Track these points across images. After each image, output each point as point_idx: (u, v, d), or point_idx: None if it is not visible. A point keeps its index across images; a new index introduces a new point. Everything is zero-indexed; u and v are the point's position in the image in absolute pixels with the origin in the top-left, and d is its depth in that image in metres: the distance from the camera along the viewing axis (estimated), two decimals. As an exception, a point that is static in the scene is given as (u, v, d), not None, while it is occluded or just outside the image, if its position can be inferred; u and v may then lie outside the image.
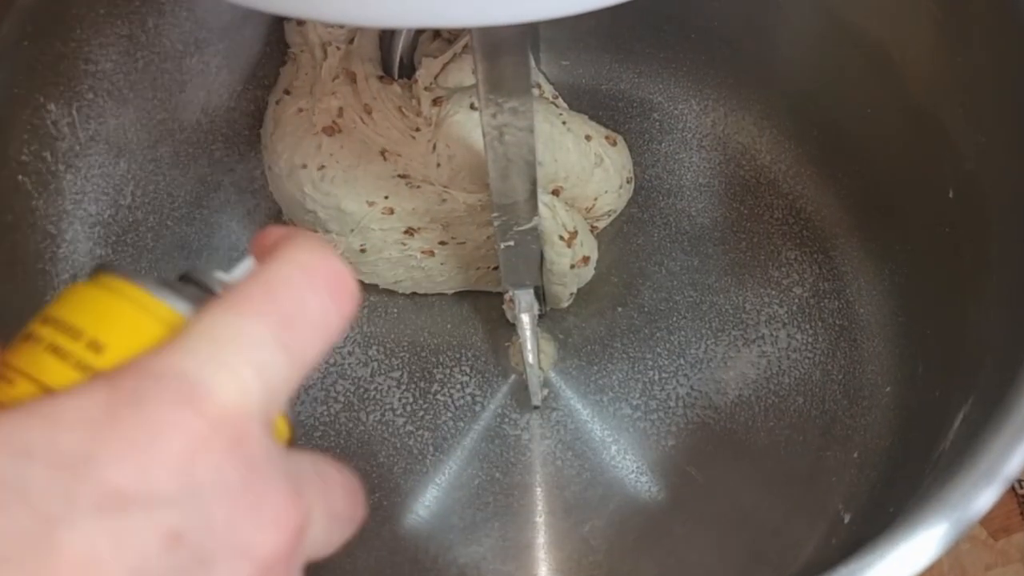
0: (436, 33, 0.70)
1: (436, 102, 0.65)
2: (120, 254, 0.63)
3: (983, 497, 0.43)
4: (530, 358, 0.66)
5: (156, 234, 0.66)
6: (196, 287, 0.30)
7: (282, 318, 0.28)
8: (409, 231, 0.66)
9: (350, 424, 0.68)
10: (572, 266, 0.67)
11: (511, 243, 0.61)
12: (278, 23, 0.69)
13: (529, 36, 0.61)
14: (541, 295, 0.67)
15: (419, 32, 0.69)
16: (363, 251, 0.67)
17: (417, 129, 0.65)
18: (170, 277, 0.31)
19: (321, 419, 0.68)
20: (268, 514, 0.26)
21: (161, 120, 0.65)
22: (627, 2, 0.33)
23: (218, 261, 0.72)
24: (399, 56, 0.68)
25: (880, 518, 0.60)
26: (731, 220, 0.74)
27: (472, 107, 0.64)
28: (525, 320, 0.66)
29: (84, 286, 0.29)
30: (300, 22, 0.68)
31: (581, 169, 0.67)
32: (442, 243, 0.67)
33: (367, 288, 0.71)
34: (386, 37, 0.68)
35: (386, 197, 0.65)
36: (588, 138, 0.67)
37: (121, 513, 0.23)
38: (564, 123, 0.67)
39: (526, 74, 0.48)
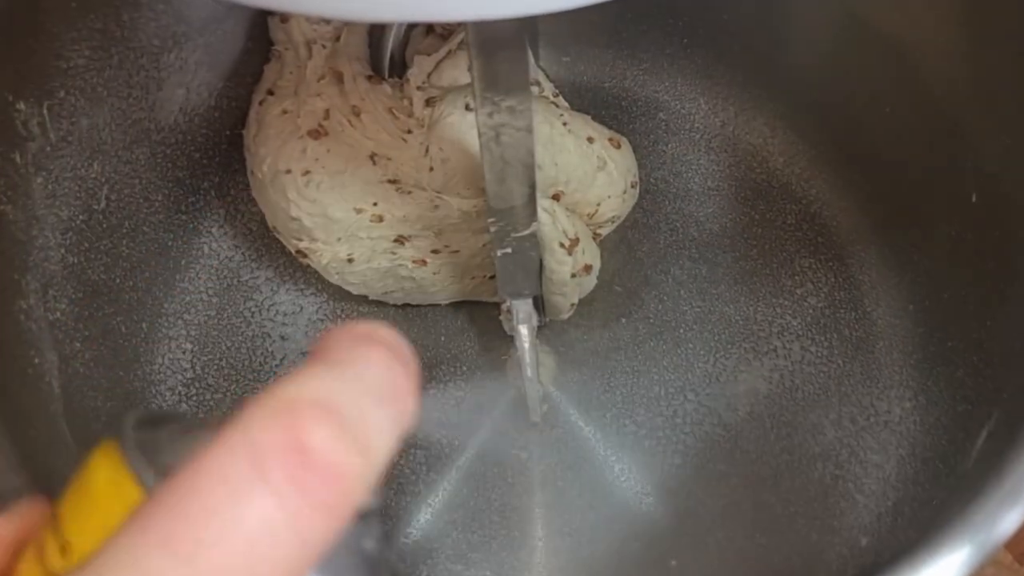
0: (429, 28, 0.70)
1: (429, 102, 0.65)
2: (94, 262, 0.63)
3: (1008, 519, 0.43)
4: (529, 372, 0.66)
5: (132, 240, 0.66)
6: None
7: (193, 544, 0.22)
8: (400, 239, 0.66)
9: (337, 442, 0.68)
10: (573, 275, 0.67)
11: (508, 250, 0.61)
12: (262, 17, 0.69)
13: (528, 31, 0.61)
14: (540, 305, 0.67)
15: (411, 27, 0.69)
16: (351, 260, 0.67)
17: (408, 131, 0.65)
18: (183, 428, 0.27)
19: (307, 437, 0.68)
20: None
21: (137, 120, 0.65)
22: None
23: (199, 271, 0.72)
24: (389, 53, 0.68)
25: (899, 542, 0.60)
26: (741, 226, 0.74)
27: (468, 108, 0.64)
28: (523, 332, 0.66)
29: (95, 452, 0.27)
30: (284, 18, 0.68)
31: (583, 173, 0.67)
32: (435, 252, 0.67)
33: (356, 299, 0.71)
34: (375, 33, 0.68)
35: (375, 204, 0.65)
36: (590, 140, 0.68)
37: None
38: (565, 124, 0.67)
39: (524, 71, 0.48)
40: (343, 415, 0.23)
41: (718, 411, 0.68)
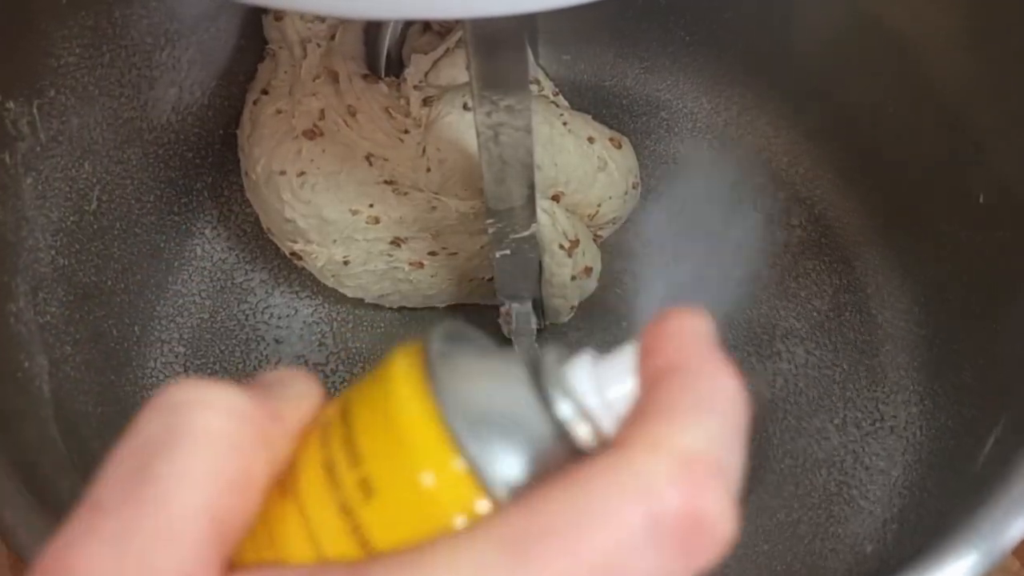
0: (426, 26, 0.70)
1: (426, 102, 0.65)
2: (85, 264, 0.63)
3: (1016, 526, 0.43)
4: (527, 377, 0.66)
5: (123, 242, 0.66)
6: (549, 418, 0.26)
7: None
8: (396, 241, 0.66)
9: (333, 448, 0.68)
10: (573, 277, 0.67)
11: (507, 252, 0.61)
12: (255, 15, 0.69)
13: (527, 28, 0.61)
14: (540, 308, 0.67)
15: (407, 25, 0.69)
16: (346, 263, 0.67)
17: (405, 131, 0.65)
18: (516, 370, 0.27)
19: (302, 443, 0.68)
20: None
21: (129, 119, 0.65)
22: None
23: (192, 274, 0.72)
24: (386, 52, 0.68)
25: (905, 549, 0.60)
26: (745, 228, 0.74)
27: (466, 107, 0.63)
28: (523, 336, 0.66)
29: (398, 365, 0.27)
30: (278, 16, 0.68)
31: (583, 173, 0.67)
32: (432, 254, 0.67)
33: (351, 302, 0.71)
34: (371, 31, 0.68)
35: (371, 205, 0.65)
36: (591, 140, 0.67)
37: None
38: (565, 124, 0.67)
39: (524, 70, 0.48)
40: (729, 477, 0.24)
41: (720, 416, 0.68)
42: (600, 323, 0.72)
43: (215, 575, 0.24)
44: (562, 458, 0.25)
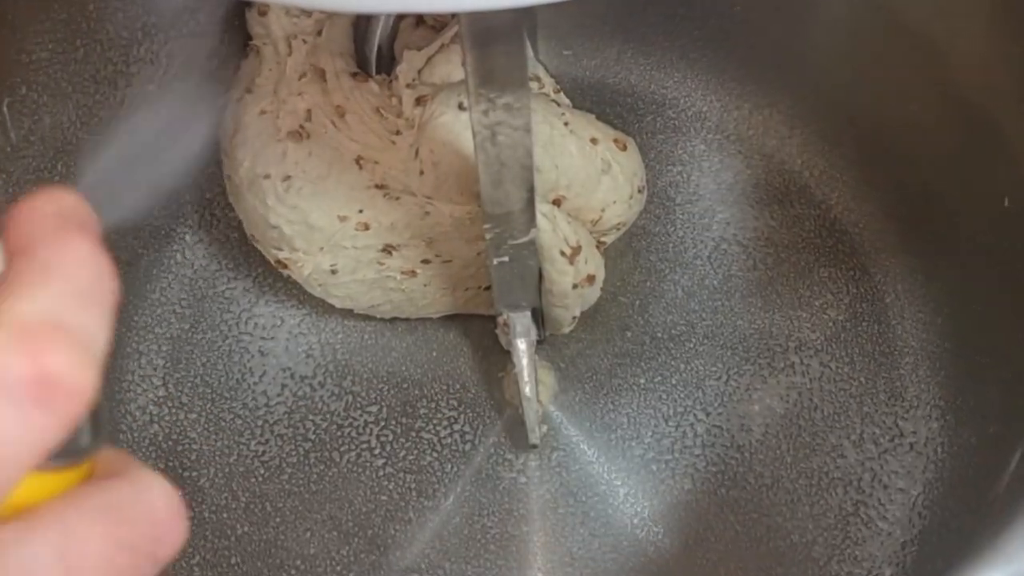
0: (419, 20, 0.70)
1: (419, 101, 0.65)
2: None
3: (1043, 547, 0.43)
4: (527, 390, 0.66)
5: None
6: None
7: None
8: (387, 249, 0.66)
9: (321, 466, 0.68)
10: (575, 286, 0.67)
11: (505, 259, 0.61)
12: (238, 8, 0.69)
13: (526, 22, 0.61)
14: (539, 319, 0.67)
15: (399, 19, 0.69)
16: (334, 272, 0.67)
17: (397, 132, 0.65)
18: None
19: (288, 459, 0.68)
20: None
21: (104, 118, 0.65)
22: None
23: (171, 281, 0.72)
24: (376, 48, 0.68)
25: (926, 573, 0.60)
26: (756, 233, 0.74)
27: (461, 106, 0.64)
28: (521, 347, 0.66)
29: None
30: (262, 10, 0.68)
31: (586, 176, 0.67)
32: (425, 261, 0.67)
33: (341, 312, 0.71)
34: (361, 26, 0.68)
35: (361, 211, 0.65)
36: (594, 141, 0.68)
37: None
38: (566, 124, 0.67)
39: (522, 66, 0.48)
40: (74, 331, 0.26)
41: (731, 432, 0.68)
42: (603, 334, 0.72)
43: None
44: None
